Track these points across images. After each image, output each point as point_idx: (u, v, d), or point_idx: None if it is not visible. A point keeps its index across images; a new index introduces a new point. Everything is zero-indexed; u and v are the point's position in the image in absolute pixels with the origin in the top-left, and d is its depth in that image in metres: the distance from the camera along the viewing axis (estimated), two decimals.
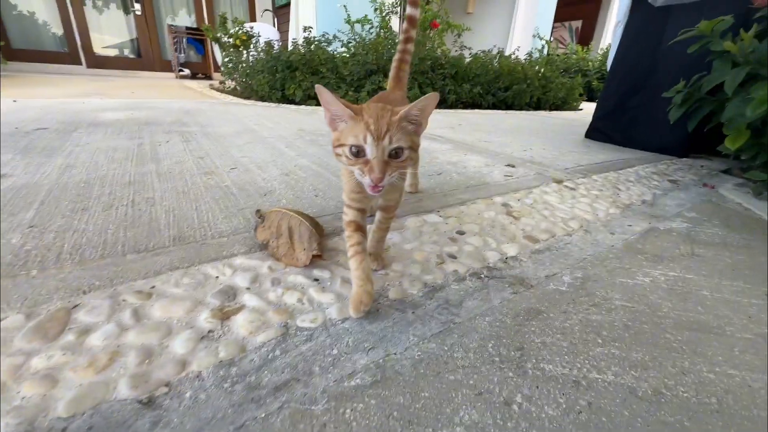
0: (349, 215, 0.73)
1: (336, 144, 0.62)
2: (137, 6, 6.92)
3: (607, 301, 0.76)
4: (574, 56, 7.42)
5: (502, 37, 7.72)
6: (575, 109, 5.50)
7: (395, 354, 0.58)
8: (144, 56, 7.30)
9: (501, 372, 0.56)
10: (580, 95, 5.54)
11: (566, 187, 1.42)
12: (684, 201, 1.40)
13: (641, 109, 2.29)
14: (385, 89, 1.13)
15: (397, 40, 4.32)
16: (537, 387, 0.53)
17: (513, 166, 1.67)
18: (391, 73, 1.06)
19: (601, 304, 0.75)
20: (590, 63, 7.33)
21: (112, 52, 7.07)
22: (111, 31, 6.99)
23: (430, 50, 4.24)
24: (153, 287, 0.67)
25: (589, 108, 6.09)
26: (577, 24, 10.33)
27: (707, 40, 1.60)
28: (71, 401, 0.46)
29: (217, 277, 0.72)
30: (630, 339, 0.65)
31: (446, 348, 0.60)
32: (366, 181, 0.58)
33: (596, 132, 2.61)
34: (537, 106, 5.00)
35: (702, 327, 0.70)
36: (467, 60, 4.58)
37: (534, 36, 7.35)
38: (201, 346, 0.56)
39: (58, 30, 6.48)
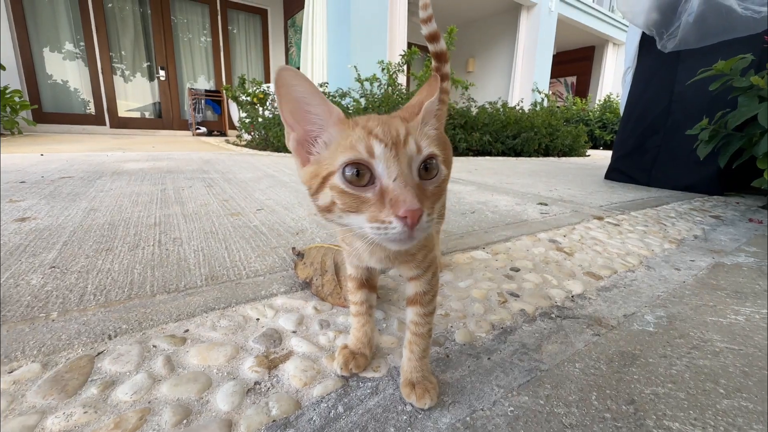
0: (349, 269, 0.55)
1: (315, 182, 0.37)
2: (162, 72, 7.48)
3: (708, 343, 0.65)
4: (575, 107, 7.73)
5: (503, 92, 8.15)
6: (583, 155, 5.59)
7: (483, 410, 0.47)
8: (164, 116, 7.72)
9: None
10: (586, 142, 5.66)
11: (609, 223, 1.35)
12: (736, 236, 1.31)
13: (662, 148, 2.28)
14: None
15: (403, 95, 4.55)
16: None
17: (546, 204, 1.61)
18: None
19: (701, 346, 0.64)
20: (590, 113, 7.61)
21: (136, 114, 7.51)
22: (135, 97, 7.47)
23: None
24: (187, 331, 0.59)
25: (596, 154, 6.20)
26: (572, 79, 10.94)
27: (728, 78, 1.62)
28: None
29: (258, 319, 0.63)
30: (756, 388, 0.54)
31: (542, 402, 0.49)
32: (393, 229, 0.32)
33: (616, 172, 2.59)
34: (545, 152, 5.08)
35: None
36: (474, 112, 4.77)
37: (533, 90, 7.75)
38: (248, 402, 0.46)
39: (87, 96, 6.95)
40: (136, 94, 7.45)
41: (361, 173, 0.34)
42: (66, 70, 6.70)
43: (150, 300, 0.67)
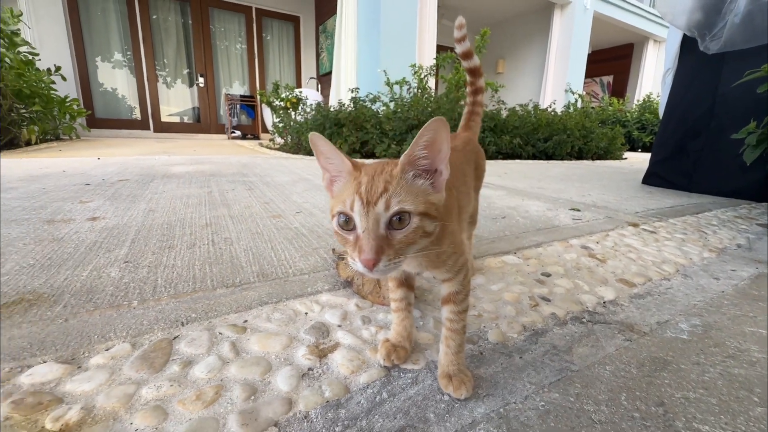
0: None
1: (330, 214, 0.46)
2: (201, 79, 7.89)
3: (744, 353, 0.65)
4: (611, 108, 7.45)
5: (533, 93, 7.98)
6: (619, 158, 5.38)
7: (515, 403, 0.51)
8: (202, 121, 8.14)
9: (647, 430, 0.47)
10: (623, 144, 5.45)
11: (645, 230, 1.33)
12: None
13: (705, 152, 2.19)
14: None
15: (432, 98, 4.58)
16: None
17: (578, 210, 1.60)
18: (462, 123, 0.94)
19: (737, 356, 0.64)
20: (628, 114, 7.30)
21: (176, 119, 7.96)
22: (176, 102, 7.93)
23: (465, 105, 4.41)
24: (246, 321, 0.66)
25: (633, 157, 5.95)
26: (609, 78, 10.52)
27: None
28: None
29: (306, 313, 0.70)
30: None
31: (572, 399, 0.52)
32: (357, 266, 0.42)
33: (655, 177, 2.50)
34: (579, 155, 4.94)
35: None
36: (504, 114, 4.72)
37: (566, 91, 7.53)
38: (303, 384, 0.52)
39: (133, 103, 7.45)
40: (176, 99, 7.90)
41: (348, 220, 0.43)
42: (115, 79, 7.22)
43: (212, 293, 0.75)
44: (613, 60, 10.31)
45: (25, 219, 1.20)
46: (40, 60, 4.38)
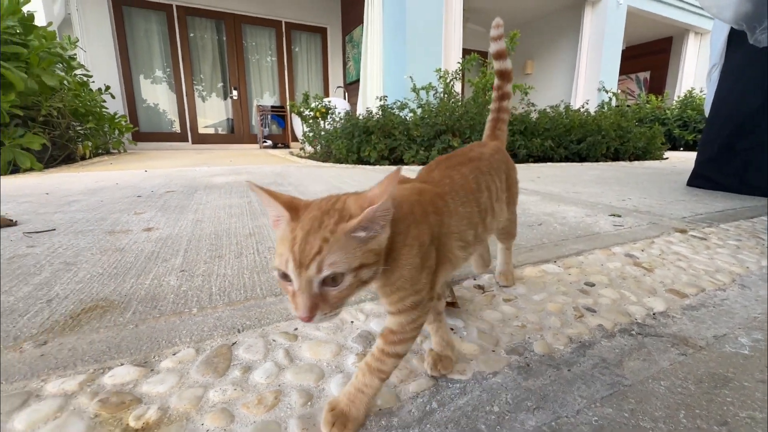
0: None
1: (273, 264, 0.46)
2: (235, 92, 8.26)
3: None
4: (648, 105, 7.10)
5: (564, 94, 7.75)
6: (659, 158, 5.11)
7: (567, 417, 0.51)
8: (236, 132, 8.50)
9: None
10: (662, 144, 5.17)
11: (694, 236, 1.27)
12: None
13: (757, 151, 2.05)
14: (454, 146, 0.98)
15: (459, 102, 4.55)
16: None
17: (619, 216, 1.54)
18: (487, 132, 0.88)
19: None
20: (668, 111, 6.93)
21: (211, 130, 8.37)
22: (211, 114, 8.34)
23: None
24: (296, 329, 0.69)
25: (675, 157, 5.64)
26: (645, 75, 10.05)
27: None
28: None
29: (352, 321, 0.73)
30: None
31: (627, 414, 0.52)
32: (294, 314, 0.44)
33: (701, 179, 2.37)
34: (615, 157, 4.75)
35: None
36: (534, 116, 4.61)
37: (599, 90, 7.26)
38: None
39: (173, 116, 7.91)
40: (212, 111, 8.31)
41: (285, 274, 0.41)
42: (157, 94, 7.70)
43: (262, 301, 0.79)
44: (649, 55, 9.84)
45: (90, 230, 1.31)
46: (93, 81, 4.75)
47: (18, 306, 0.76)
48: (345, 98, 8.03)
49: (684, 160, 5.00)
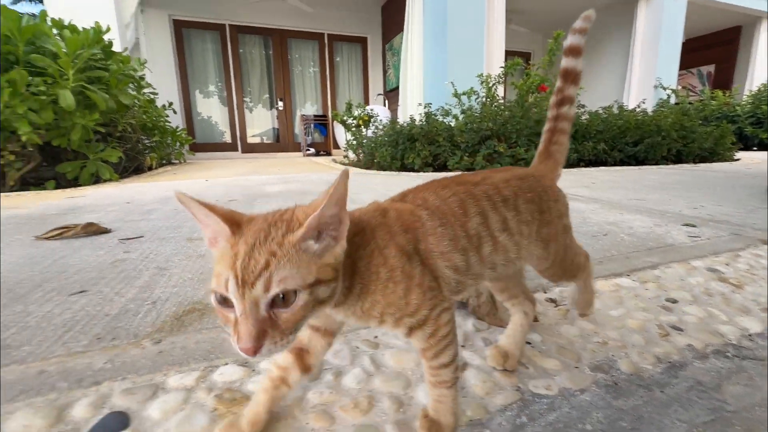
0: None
1: (209, 288, 0.39)
2: (280, 103, 8.67)
3: None
4: (714, 102, 6.53)
5: (616, 93, 7.33)
6: (729, 159, 4.68)
7: None
8: (281, 140, 8.91)
9: None
10: (733, 144, 4.73)
11: None
12: None
13: None
14: (500, 152, 0.84)
15: (503, 106, 4.45)
16: None
17: (694, 226, 1.45)
18: (540, 147, 0.73)
19: None
20: (738, 107, 6.33)
21: (257, 140, 8.84)
22: (258, 125, 8.82)
23: (538, 112, 4.22)
24: (376, 337, 0.73)
25: (748, 157, 5.13)
26: (709, 68, 9.25)
27: None
28: None
29: None
30: None
31: None
32: (235, 347, 0.35)
33: None
34: (677, 159, 4.41)
35: None
36: (584, 118, 4.41)
37: (656, 87, 6.79)
38: None
39: (224, 128, 8.45)
40: (259, 122, 8.78)
41: (225, 298, 0.36)
42: (210, 108, 8.27)
43: None
44: (714, 46, 9.05)
45: (171, 237, 1.44)
46: (158, 98, 5.21)
47: (130, 307, 0.86)
48: (385, 105, 8.15)
49: (759, 162, 4.54)
